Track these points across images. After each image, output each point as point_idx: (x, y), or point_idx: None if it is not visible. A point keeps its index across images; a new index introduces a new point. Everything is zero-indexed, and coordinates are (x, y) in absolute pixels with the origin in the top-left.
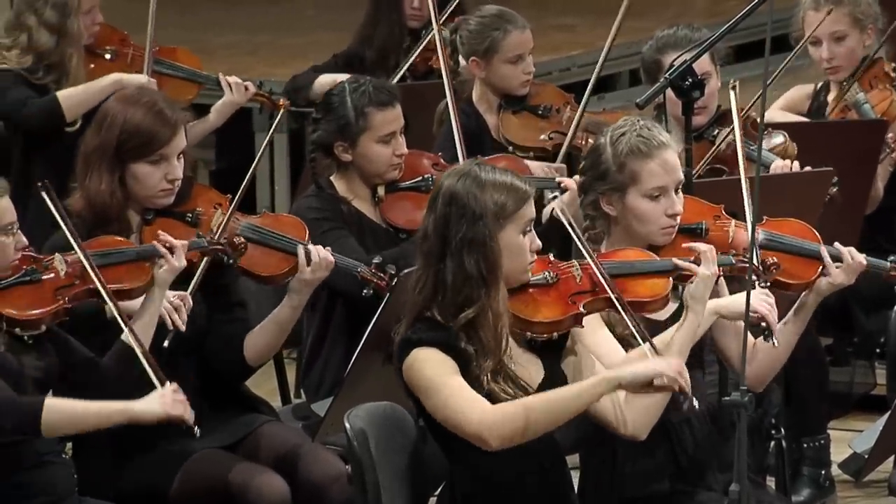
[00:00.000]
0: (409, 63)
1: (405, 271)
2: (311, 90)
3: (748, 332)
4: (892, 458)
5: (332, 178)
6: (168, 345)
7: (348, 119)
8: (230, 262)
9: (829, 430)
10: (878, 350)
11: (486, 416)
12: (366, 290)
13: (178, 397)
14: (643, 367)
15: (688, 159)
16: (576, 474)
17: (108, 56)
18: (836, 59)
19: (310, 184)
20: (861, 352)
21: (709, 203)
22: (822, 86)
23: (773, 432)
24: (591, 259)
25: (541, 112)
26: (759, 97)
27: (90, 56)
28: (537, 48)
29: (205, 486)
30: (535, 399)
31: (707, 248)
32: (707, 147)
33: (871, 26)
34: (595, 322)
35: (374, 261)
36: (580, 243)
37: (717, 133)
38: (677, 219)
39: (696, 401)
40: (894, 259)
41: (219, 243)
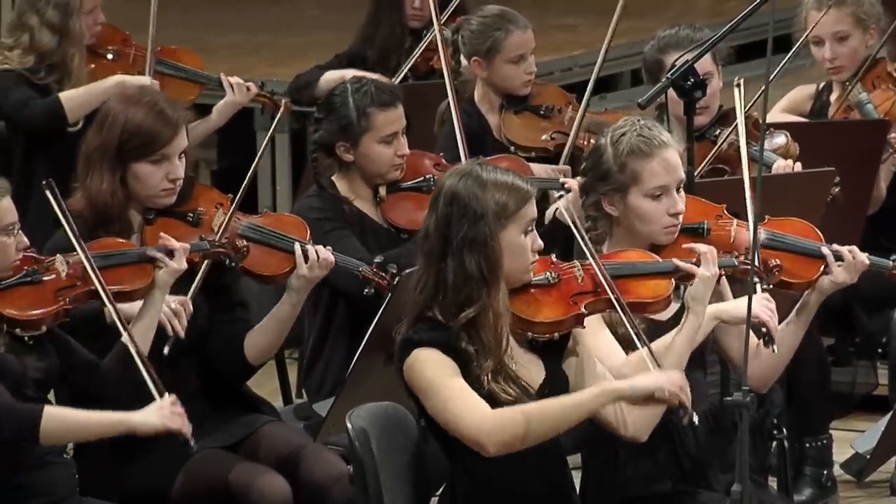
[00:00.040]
0: (410, 63)
1: (406, 271)
2: (316, 87)
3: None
4: (894, 459)
5: (333, 178)
6: (168, 352)
7: (350, 119)
8: (232, 265)
9: (830, 431)
10: (879, 350)
11: (485, 421)
12: (367, 290)
13: (177, 410)
14: (645, 381)
15: (689, 159)
16: (577, 474)
17: (109, 56)
18: (839, 59)
19: (311, 184)
20: (863, 352)
21: (711, 203)
22: (824, 86)
23: (775, 432)
24: (593, 259)
25: (543, 112)
26: (760, 95)
27: (92, 56)
28: (539, 48)
29: (206, 487)
30: (536, 406)
31: (706, 250)
32: (709, 147)
33: (873, 26)
34: (596, 323)
35: (376, 260)
36: (584, 243)
37: (718, 133)
38: (679, 218)
39: (695, 416)
40: None
41: (221, 246)
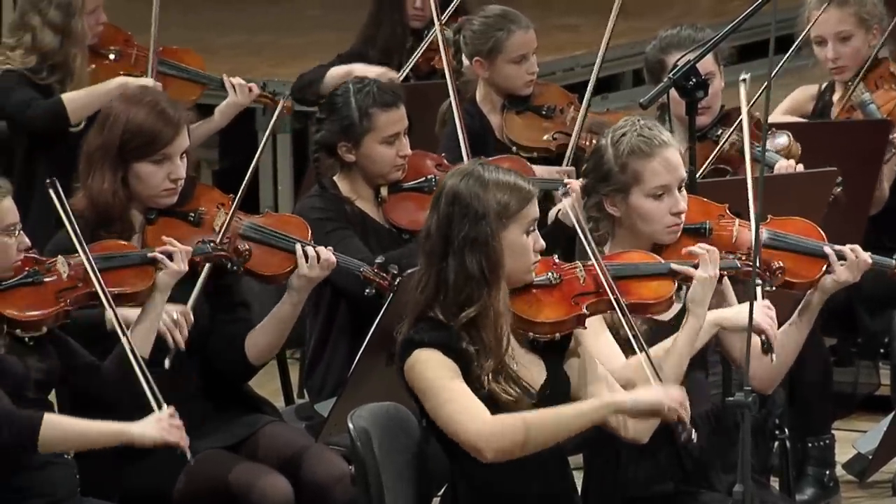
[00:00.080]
0: (411, 63)
1: (408, 271)
2: (322, 84)
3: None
4: None
5: (335, 178)
6: (168, 365)
7: (352, 119)
8: (234, 268)
9: (832, 431)
10: (882, 350)
11: (484, 427)
12: (368, 290)
13: (175, 422)
14: (646, 396)
15: (691, 159)
16: (578, 475)
17: (112, 56)
18: (842, 60)
19: (313, 184)
20: (865, 352)
21: (713, 202)
22: (826, 86)
23: (777, 433)
24: (595, 260)
25: (544, 112)
26: (762, 93)
27: (94, 56)
28: (541, 48)
29: (208, 487)
30: (536, 415)
31: (705, 252)
32: (711, 147)
33: (876, 26)
34: (597, 325)
35: (377, 261)
36: (587, 243)
37: (720, 133)
38: (682, 217)
39: (694, 434)
40: None
41: (223, 250)
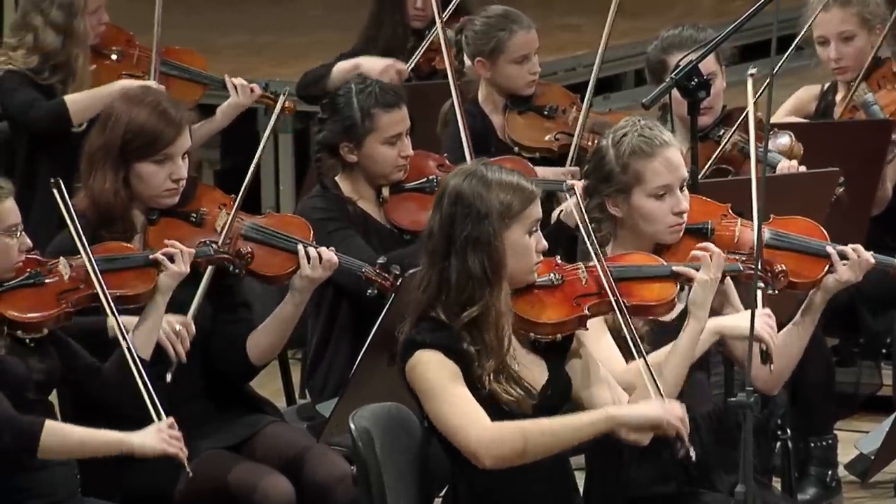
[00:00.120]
0: (412, 63)
1: (410, 272)
2: (328, 79)
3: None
4: None
5: (336, 178)
6: (170, 378)
7: (354, 120)
8: (235, 271)
9: (835, 431)
10: (884, 351)
11: (484, 433)
12: (370, 291)
13: (175, 433)
14: (646, 411)
15: (693, 159)
16: (580, 475)
17: (114, 56)
18: (845, 60)
19: (314, 184)
20: (867, 352)
21: (715, 202)
22: (829, 86)
23: (779, 433)
24: (597, 260)
25: (546, 112)
26: (763, 93)
27: (96, 56)
28: (542, 48)
29: (209, 487)
30: (535, 425)
31: (704, 255)
32: (712, 147)
33: (878, 26)
34: (598, 327)
35: (379, 261)
36: (590, 245)
37: (722, 133)
38: (684, 216)
39: (692, 451)
40: None
41: (225, 252)
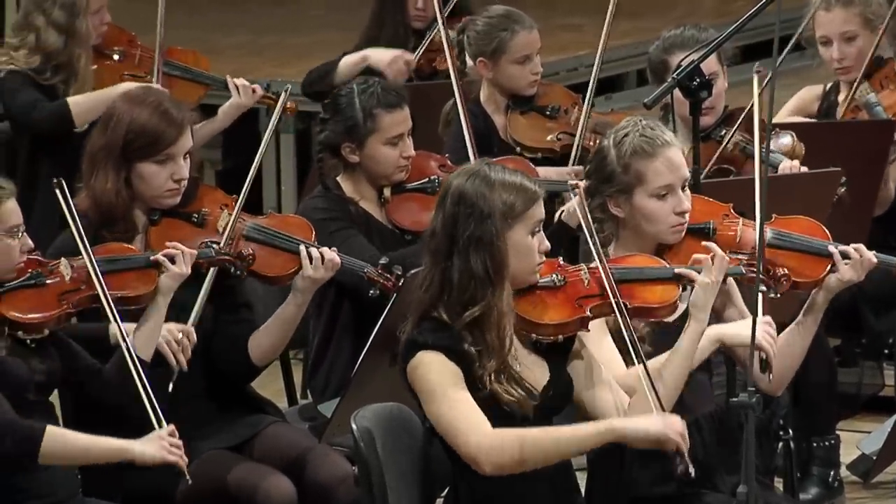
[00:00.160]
0: (413, 64)
1: (412, 272)
2: (335, 74)
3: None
4: None
5: (338, 178)
6: (172, 388)
7: (356, 120)
8: (237, 272)
9: (837, 432)
10: (886, 351)
11: (484, 440)
12: (372, 291)
13: (175, 441)
14: (648, 427)
15: (695, 159)
16: (582, 476)
17: (115, 57)
18: (847, 60)
19: (316, 184)
20: (869, 353)
21: (717, 202)
22: (831, 86)
23: (781, 433)
24: (599, 261)
25: (549, 112)
26: (763, 92)
27: (98, 56)
28: (544, 48)
29: (211, 488)
30: (536, 433)
31: (706, 258)
32: (714, 147)
33: (881, 27)
34: (600, 330)
35: (381, 262)
36: (593, 246)
37: (724, 133)
38: (686, 216)
39: (692, 468)
40: None
41: (227, 254)
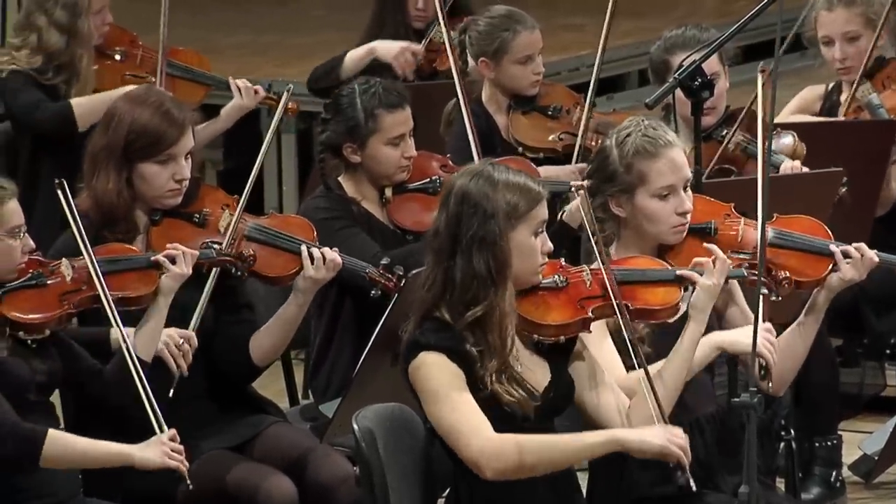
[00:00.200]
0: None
1: (413, 272)
2: (341, 69)
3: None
4: None
5: (340, 178)
6: (172, 393)
7: (357, 120)
8: (238, 273)
9: (839, 432)
10: (888, 351)
11: (487, 445)
12: (374, 292)
13: (176, 446)
14: (651, 440)
15: (697, 159)
16: (583, 476)
17: (117, 57)
18: (849, 60)
19: (318, 184)
20: (871, 353)
21: (718, 202)
22: (833, 86)
23: (783, 433)
24: (601, 263)
25: (550, 112)
26: (758, 93)
27: (99, 56)
28: (546, 48)
29: (212, 488)
30: (539, 441)
31: (708, 261)
32: (716, 147)
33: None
34: (600, 332)
35: (382, 262)
36: (595, 247)
37: (725, 133)
38: (687, 217)
39: (692, 481)
40: None
41: (228, 255)
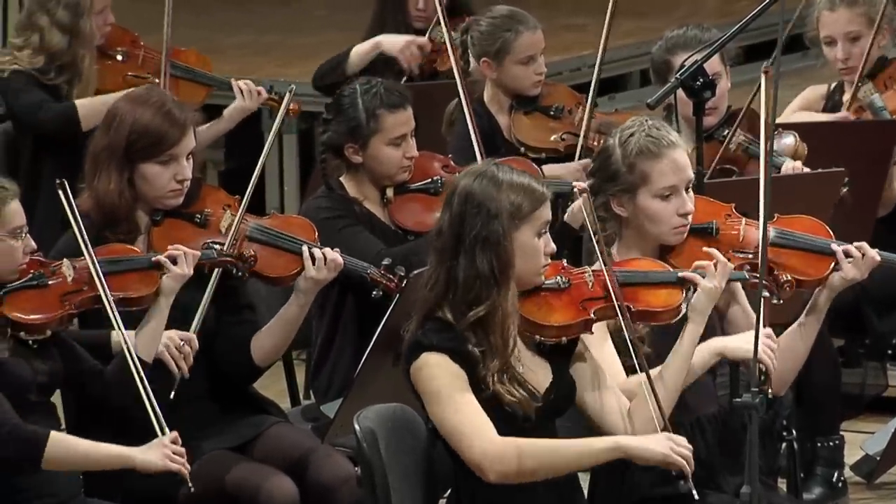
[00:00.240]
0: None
1: (415, 272)
2: (347, 64)
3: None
4: None
5: (341, 179)
6: (174, 395)
7: (359, 121)
8: (239, 274)
9: (840, 432)
10: (889, 351)
11: (490, 447)
12: (375, 293)
13: (178, 449)
14: (654, 448)
15: (699, 159)
16: (584, 477)
17: (119, 57)
18: (852, 60)
19: (319, 185)
20: (873, 353)
21: (719, 202)
22: (836, 86)
23: (785, 434)
24: (603, 264)
25: (552, 113)
26: (761, 94)
27: (101, 57)
28: (548, 48)
29: (213, 488)
30: (543, 446)
31: (710, 264)
32: (717, 148)
33: (886, 26)
34: (601, 334)
35: (384, 263)
36: (597, 248)
37: (727, 133)
38: (689, 218)
39: (694, 490)
40: None
41: (228, 255)
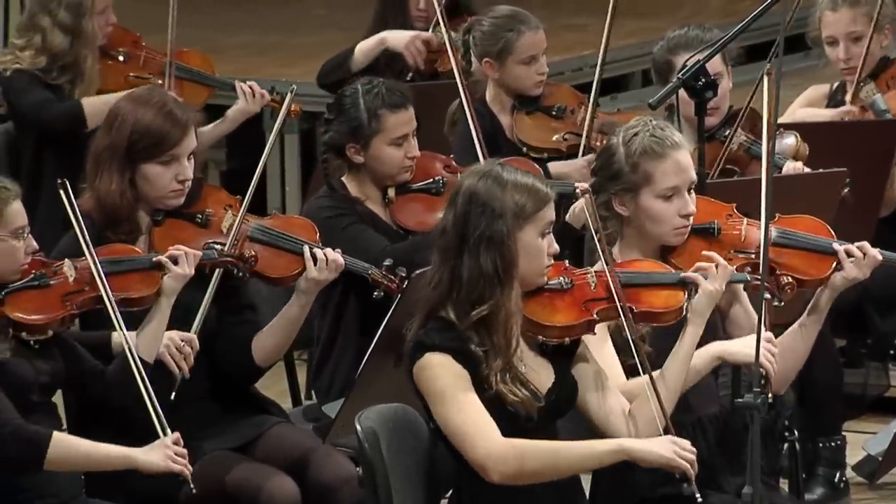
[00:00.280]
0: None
1: (417, 272)
2: (351, 60)
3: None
4: None
5: (343, 179)
6: (175, 395)
7: (361, 121)
8: (240, 274)
9: (842, 433)
10: (892, 351)
11: (494, 448)
12: (376, 293)
13: (180, 450)
14: (658, 451)
15: (700, 160)
16: (586, 477)
17: (120, 57)
18: (854, 60)
19: (321, 185)
20: (874, 353)
21: (720, 202)
22: (838, 86)
23: (787, 434)
24: (605, 265)
25: (555, 113)
26: (763, 95)
27: (102, 57)
28: (550, 48)
29: (214, 488)
30: (546, 447)
31: (711, 266)
32: (719, 148)
33: (888, 26)
34: (601, 336)
35: (385, 263)
36: (599, 249)
37: (728, 133)
38: (690, 219)
39: (698, 494)
40: None
41: (229, 256)
